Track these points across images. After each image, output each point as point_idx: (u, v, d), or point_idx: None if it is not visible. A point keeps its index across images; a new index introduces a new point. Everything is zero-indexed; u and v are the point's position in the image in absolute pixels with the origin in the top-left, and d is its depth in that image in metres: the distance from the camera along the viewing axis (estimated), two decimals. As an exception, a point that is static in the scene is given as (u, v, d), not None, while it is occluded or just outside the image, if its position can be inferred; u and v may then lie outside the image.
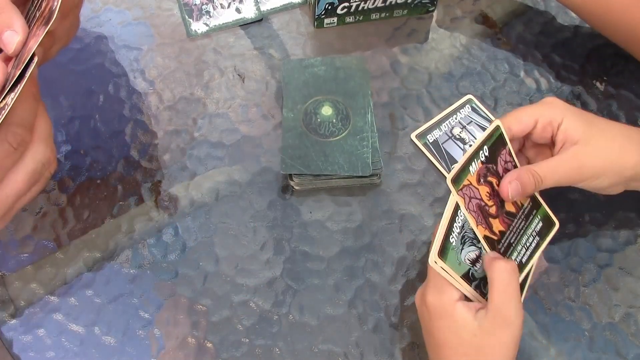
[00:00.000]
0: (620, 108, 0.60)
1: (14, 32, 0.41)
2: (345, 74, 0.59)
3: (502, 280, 0.42)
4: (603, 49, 0.63)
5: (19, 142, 0.41)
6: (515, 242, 0.45)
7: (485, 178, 0.44)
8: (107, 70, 0.61)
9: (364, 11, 0.62)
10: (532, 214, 0.47)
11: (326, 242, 0.53)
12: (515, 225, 0.45)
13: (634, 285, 0.52)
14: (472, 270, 0.44)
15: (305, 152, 0.54)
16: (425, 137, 0.57)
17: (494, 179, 0.44)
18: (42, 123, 0.43)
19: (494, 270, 0.42)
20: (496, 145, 0.45)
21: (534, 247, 0.47)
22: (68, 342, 0.50)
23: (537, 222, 0.47)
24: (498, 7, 0.66)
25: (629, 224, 0.54)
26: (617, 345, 0.50)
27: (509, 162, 0.46)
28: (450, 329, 0.42)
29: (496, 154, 0.45)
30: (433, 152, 0.57)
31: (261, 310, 0.51)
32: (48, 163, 0.43)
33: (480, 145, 0.43)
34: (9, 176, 0.42)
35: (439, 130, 0.58)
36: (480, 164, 0.43)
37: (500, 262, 0.42)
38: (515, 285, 0.42)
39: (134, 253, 0.53)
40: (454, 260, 0.42)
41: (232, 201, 0.55)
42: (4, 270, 0.52)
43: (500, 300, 0.41)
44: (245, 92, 0.60)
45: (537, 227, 0.47)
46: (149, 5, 0.65)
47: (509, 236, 0.45)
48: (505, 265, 0.42)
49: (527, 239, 0.46)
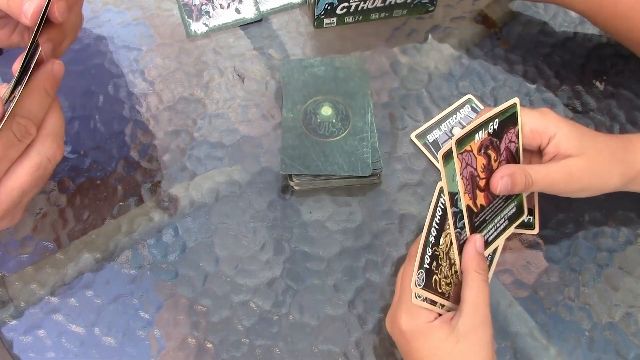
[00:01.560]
0: (620, 108, 0.60)
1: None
2: (345, 74, 0.59)
3: (476, 283, 0.42)
4: (603, 48, 0.63)
5: (23, 133, 0.41)
6: (489, 220, 0.46)
7: (486, 150, 0.44)
8: (106, 70, 0.61)
9: (364, 11, 0.62)
10: (511, 198, 0.48)
11: (326, 242, 0.53)
12: (495, 204, 0.46)
13: (634, 285, 0.52)
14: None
15: (305, 152, 0.54)
16: (425, 137, 0.57)
17: (493, 153, 0.45)
18: (53, 119, 0.43)
19: (471, 278, 0.43)
20: (507, 122, 0.45)
21: (501, 230, 0.48)
22: (68, 342, 0.50)
23: (511, 208, 0.48)
24: (498, 7, 0.66)
25: (629, 224, 0.54)
26: (617, 345, 0.50)
27: (513, 142, 0.46)
28: (430, 348, 0.42)
29: (504, 130, 0.45)
30: (433, 152, 0.57)
31: (261, 310, 0.51)
32: (54, 158, 0.43)
33: (493, 116, 0.44)
34: (14, 169, 0.42)
35: (439, 130, 0.58)
36: (486, 135, 0.44)
37: (475, 274, 0.43)
38: (488, 290, 0.43)
39: (134, 253, 0.53)
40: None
41: (232, 201, 0.55)
42: (4, 270, 0.52)
43: (474, 301, 0.42)
44: (245, 93, 0.60)
45: (510, 212, 0.48)
46: (149, 6, 0.65)
47: (487, 212, 0.45)
48: (480, 277, 0.43)
49: (499, 220, 0.47)
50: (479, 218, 0.45)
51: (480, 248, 0.44)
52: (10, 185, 0.42)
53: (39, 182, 0.43)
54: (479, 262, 0.43)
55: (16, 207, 0.44)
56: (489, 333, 0.42)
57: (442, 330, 0.42)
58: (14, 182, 0.42)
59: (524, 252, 0.53)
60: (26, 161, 0.42)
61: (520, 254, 0.53)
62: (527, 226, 0.52)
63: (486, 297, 0.42)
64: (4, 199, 0.42)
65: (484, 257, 0.44)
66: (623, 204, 0.55)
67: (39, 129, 0.43)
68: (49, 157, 0.43)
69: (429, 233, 0.43)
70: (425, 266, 0.42)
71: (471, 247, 0.44)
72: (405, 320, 0.43)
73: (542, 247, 0.53)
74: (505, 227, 0.48)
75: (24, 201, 0.44)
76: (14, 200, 0.42)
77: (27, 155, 0.42)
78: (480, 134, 0.43)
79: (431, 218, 0.43)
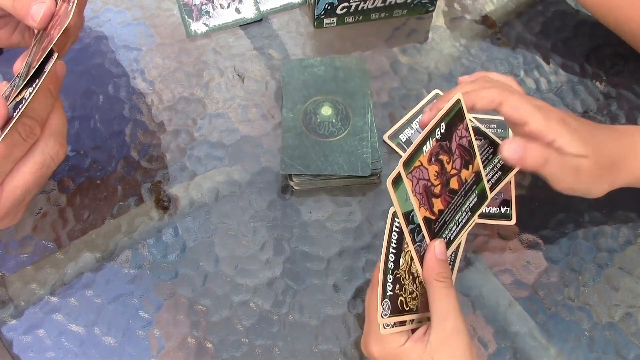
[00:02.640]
0: (620, 108, 0.60)
1: (42, 2, 0.43)
2: (345, 74, 0.59)
3: (439, 292, 0.41)
4: (603, 48, 0.63)
5: (28, 133, 0.41)
6: (450, 220, 0.44)
7: (437, 157, 0.42)
8: (106, 70, 0.61)
9: (364, 11, 0.62)
10: (472, 189, 0.46)
11: (326, 242, 0.53)
12: (454, 203, 0.45)
13: (633, 285, 0.52)
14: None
15: (305, 152, 0.54)
16: (397, 137, 0.57)
17: (445, 157, 0.43)
18: (56, 119, 0.44)
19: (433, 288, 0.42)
20: (453, 120, 0.43)
21: (464, 223, 0.46)
22: (68, 342, 0.50)
23: (472, 198, 0.46)
24: (498, 6, 0.66)
25: (629, 224, 0.54)
26: (617, 345, 0.50)
27: (464, 137, 0.44)
28: None
29: (452, 129, 0.43)
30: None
31: (261, 310, 0.51)
32: (57, 157, 0.44)
33: (438, 122, 0.41)
34: (18, 167, 0.42)
35: (410, 128, 0.58)
36: (434, 142, 0.42)
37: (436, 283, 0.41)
38: (453, 295, 0.41)
39: (134, 253, 0.53)
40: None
41: (232, 201, 0.55)
42: (4, 270, 0.52)
43: (441, 311, 0.41)
44: (245, 92, 0.60)
45: (472, 202, 0.46)
46: (149, 6, 0.65)
47: (446, 214, 0.44)
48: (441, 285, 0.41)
49: (460, 215, 0.46)
50: (438, 223, 0.43)
51: (440, 254, 0.42)
52: (14, 184, 0.42)
53: (42, 180, 0.44)
54: (438, 269, 0.42)
55: (18, 206, 0.44)
56: (463, 340, 0.40)
57: (414, 350, 0.41)
58: (17, 181, 0.42)
59: (524, 252, 0.53)
60: (30, 160, 0.42)
61: (520, 254, 0.53)
62: (504, 217, 0.52)
63: (453, 303, 0.41)
64: (8, 197, 0.42)
65: (444, 262, 0.42)
66: (623, 204, 0.55)
67: (43, 128, 0.43)
68: (52, 156, 0.43)
69: (387, 260, 0.41)
70: (389, 293, 0.41)
71: (430, 256, 0.42)
72: (376, 349, 0.42)
73: (542, 247, 0.53)
74: (468, 218, 0.46)
75: (27, 199, 0.44)
76: (17, 198, 0.42)
77: (31, 155, 0.43)
78: (427, 145, 0.41)
79: (387, 245, 0.42)
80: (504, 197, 0.53)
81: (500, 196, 0.54)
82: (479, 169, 0.46)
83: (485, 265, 0.52)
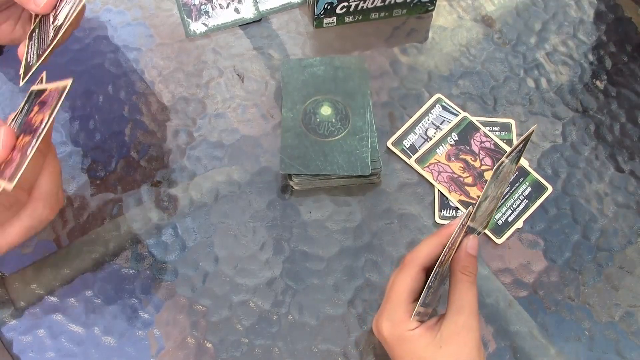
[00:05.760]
0: (620, 107, 0.60)
1: None
2: (345, 74, 0.59)
3: (460, 284, 0.42)
4: (603, 47, 0.63)
5: (12, 202, 0.41)
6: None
7: (457, 157, 0.47)
8: (106, 70, 0.61)
9: (363, 11, 0.62)
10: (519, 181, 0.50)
11: (325, 242, 0.53)
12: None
13: (634, 284, 0.52)
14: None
15: (305, 152, 0.54)
16: (401, 143, 0.57)
17: (468, 156, 0.47)
18: (45, 180, 0.42)
19: (456, 280, 0.42)
20: (466, 130, 0.47)
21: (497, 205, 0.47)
22: (68, 342, 0.50)
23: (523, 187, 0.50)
24: (498, 6, 0.66)
25: (629, 223, 0.54)
26: (617, 344, 0.50)
27: (485, 141, 0.48)
28: (414, 353, 0.41)
29: (468, 136, 0.47)
30: (412, 157, 0.57)
31: (261, 310, 0.51)
32: (46, 220, 0.43)
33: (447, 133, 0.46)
34: (5, 228, 0.41)
35: (414, 134, 0.57)
36: (449, 147, 0.46)
37: (460, 275, 0.42)
38: (474, 293, 0.42)
39: (133, 253, 0.53)
40: None
41: (231, 201, 0.55)
42: (4, 270, 0.52)
43: (458, 304, 0.41)
44: (245, 92, 0.60)
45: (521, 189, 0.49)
46: (148, 6, 0.65)
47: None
48: (465, 278, 0.42)
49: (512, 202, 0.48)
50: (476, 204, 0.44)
51: (472, 249, 0.42)
52: None
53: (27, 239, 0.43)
54: (465, 263, 0.42)
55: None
56: (473, 338, 0.41)
57: (423, 337, 0.41)
58: (3, 240, 0.41)
59: (524, 252, 0.53)
60: (17, 224, 0.41)
61: (520, 254, 0.53)
62: None
63: (471, 300, 0.41)
64: None
65: (473, 258, 0.42)
66: (623, 203, 0.55)
67: (32, 191, 0.42)
68: (42, 219, 0.42)
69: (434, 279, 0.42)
70: (425, 302, 0.42)
71: (461, 249, 0.42)
72: (386, 327, 0.43)
73: (542, 247, 0.53)
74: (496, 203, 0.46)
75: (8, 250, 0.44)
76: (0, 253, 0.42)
77: (18, 218, 0.41)
78: (441, 148, 0.45)
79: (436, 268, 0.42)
80: None
81: None
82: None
83: (485, 265, 0.52)
